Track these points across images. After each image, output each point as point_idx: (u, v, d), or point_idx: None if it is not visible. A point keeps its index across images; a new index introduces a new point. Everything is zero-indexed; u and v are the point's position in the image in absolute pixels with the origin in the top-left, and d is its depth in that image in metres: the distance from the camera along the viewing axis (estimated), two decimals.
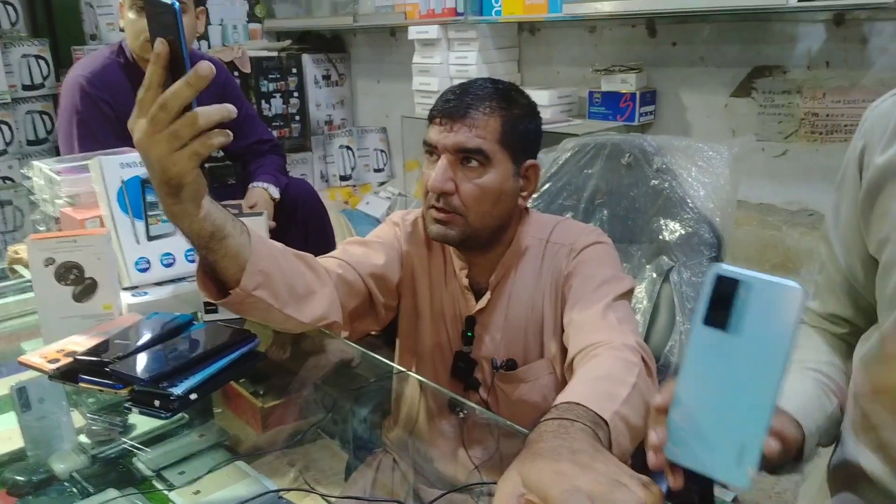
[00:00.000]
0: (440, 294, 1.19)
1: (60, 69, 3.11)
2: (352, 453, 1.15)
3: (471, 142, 1.04)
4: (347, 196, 3.36)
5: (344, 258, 1.12)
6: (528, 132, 1.10)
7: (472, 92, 1.07)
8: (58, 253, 1.09)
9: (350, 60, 3.45)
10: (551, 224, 1.17)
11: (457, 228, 1.06)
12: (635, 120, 2.13)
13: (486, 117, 1.05)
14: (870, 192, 0.77)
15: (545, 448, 0.65)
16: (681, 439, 0.59)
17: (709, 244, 1.36)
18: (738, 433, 0.56)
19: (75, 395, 1.06)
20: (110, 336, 1.02)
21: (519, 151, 1.09)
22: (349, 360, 1.21)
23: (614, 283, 1.05)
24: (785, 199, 1.96)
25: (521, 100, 1.11)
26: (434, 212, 1.07)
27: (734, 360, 0.55)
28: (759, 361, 0.54)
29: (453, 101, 1.06)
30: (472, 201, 1.05)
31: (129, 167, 1.27)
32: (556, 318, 1.11)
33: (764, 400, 0.54)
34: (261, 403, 1.15)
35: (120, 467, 0.95)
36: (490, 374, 1.15)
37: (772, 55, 1.91)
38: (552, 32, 2.46)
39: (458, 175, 1.05)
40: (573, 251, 1.12)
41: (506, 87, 1.11)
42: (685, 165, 1.44)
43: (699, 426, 0.57)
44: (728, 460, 0.56)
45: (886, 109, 0.77)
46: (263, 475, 0.93)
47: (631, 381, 0.82)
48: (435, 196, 1.05)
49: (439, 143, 1.05)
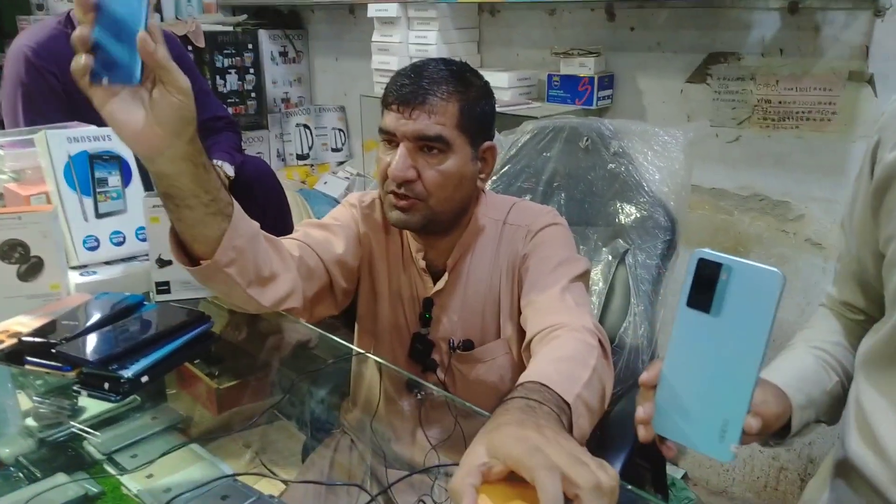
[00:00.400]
0: (398, 276, 1.19)
1: (4, 39, 2.99)
2: (309, 435, 1.15)
3: (431, 129, 1.02)
4: (305, 175, 3.31)
5: (305, 241, 1.10)
6: (485, 114, 1.10)
7: (427, 76, 1.05)
8: (1, 230, 1.05)
9: (308, 37, 3.39)
10: (507, 205, 1.17)
11: (418, 214, 1.05)
12: (593, 104, 2.14)
13: (445, 102, 1.03)
14: (879, 187, 0.77)
15: (511, 419, 0.66)
16: (667, 415, 0.62)
17: (663, 227, 1.39)
18: (721, 410, 0.58)
19: (22, 378, 1.03)
20: (58, 316, 1.00)
21: (477, 135, 1.08)
22: (306, 341, 1.20)
23: (570, 265, 1.07)
24: (737, 185, 2.00)
25: (477, 81, 1.10)
26: (393, 198, 1.05)
27: (717, 341, 0.57)
28: (741, 343, 0.56)
29: (409, 87, 1.04)
30: (435, 187, 1.04)
31: (77, 142, 1.24)
32: (513, 299, 1.12)
33: (745, 380, 0.57)
34: (216, 385, 1.14)
35: (69, 451, 0.93)
36: (447, 355, 1.16)
37: (727, 42, 1.94)
38: (512, 14, 2.46)
39: (419, 162, 1.04)
40: (529, 232, 1.13)
41: (460, 68, 1.09)
42: (641, 150, 1.45)
43: (684, 403, 0.60)
44: (712, 436, 0.59)
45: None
46: (219, 458, 0.92)
47: (591, 364, 0.84)
48: (395, 183, 1.04)
49: (398, 131, 1.03)
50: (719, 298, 0.57)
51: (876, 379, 0.78)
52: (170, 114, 0.77)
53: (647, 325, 1.35)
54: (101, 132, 1.28)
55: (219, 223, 0.87)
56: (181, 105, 0.77)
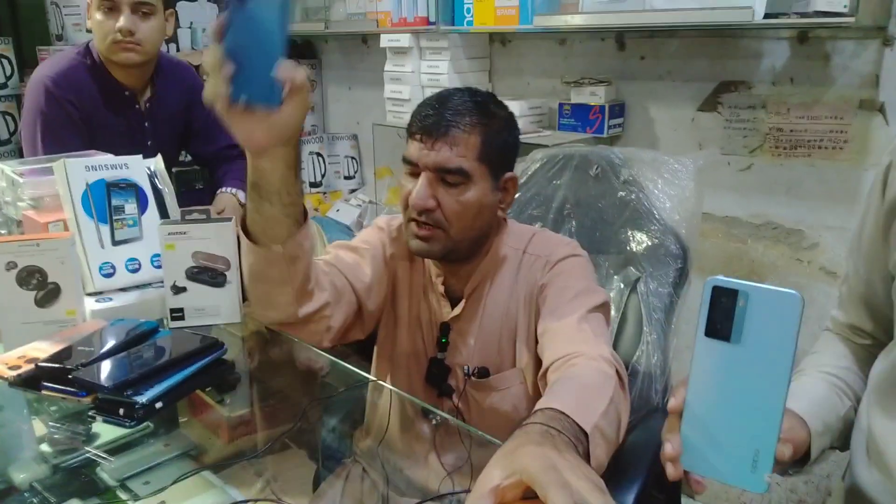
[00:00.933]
0: (418, 301, 1.20)
1: (24, 69, 3.04)
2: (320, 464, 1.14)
3: (451, 161, 1.04)
4: (317, 203, 3.34)
5: (336, 264, 1.13)
6: (507, 145, 1.11)
7: (452, 107, 1.06)
8: (20, 256, 1.06)
9: (321, 67, 3.44)
10: (528, 235, 1.18)
11: (438, 244, 1.07)
12: (604, 132, 2.15)
13: (467, 135, 1.04)
14: (892, 208, 0.78)
15: (530, 440, 0.66)
16: (695, 449, 0.60)
17: (675, 255, 1.38)
18: (751, 440, 0.57)
19: (37, 403, 1.04)
20: (73, 342, 1.00)
21: (498, 166, 1.09)
22: (318, 368, 1.20)
23: (589, 295, 1.06)
24: (749, 213, 2.00)
25: (500, 112, 1.11)
26: (415, 227, 1.07)
27: (739, 369, 0.56)
28: (765, 369, 0.56)
29: (433, 118, 1.05)
30: (454, 217, 1.06)
31: (95, 170, 1.25)
32: (530, 328, 1.12)
33: (773, 406, 0.55)
34: (227, 412, 1.13)
35: (83, 477, 0.93)
36: (463, 381, 1.16)
37: (737, 71, 1.95)
38: (523, 44, 2.48)
39: (440, 191, 1.05)
40: (549, 263, 1.13)
41: (484, 99, 1.11)
42: (652, 178, 1.46)
43: (712, 435, 0.58)
44: (744, 467, 0.57)
45: None
46: (230, 486, 0.92)
47: (609, 394, 0.83)
48: (416, 211, 1.06)
49: (420, 161, 1.05)
50: (738, 325, 0.55)
51: (885, 404, 0.78)
52: (289, 126, 0.86)
53: (660, 353, 1.34)
54: (119, 161, 1.30)
55: (290, 225, 0.96)
56: (300, 120, 0.87)
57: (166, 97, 2.07)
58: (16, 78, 3.07)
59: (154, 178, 1.37)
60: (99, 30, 1.88)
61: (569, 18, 2.05)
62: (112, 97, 1.97)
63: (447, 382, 1.17)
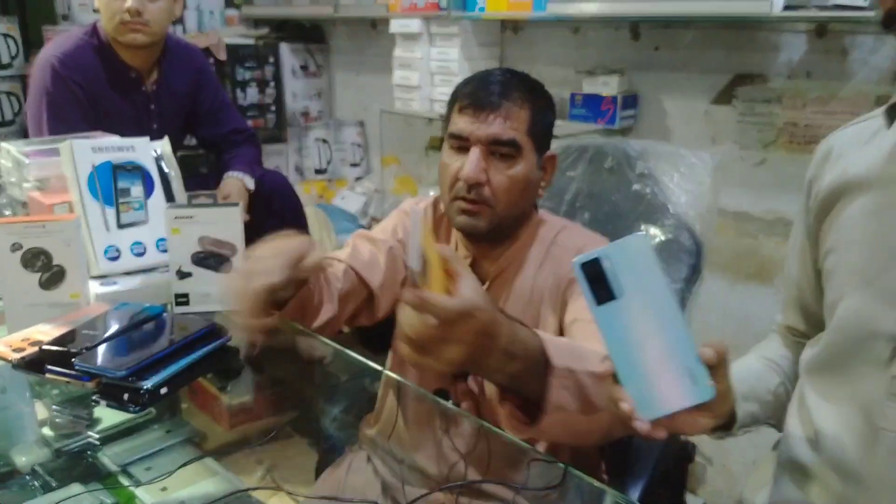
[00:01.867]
0: None
1: (30, 49, 3.02)
2: (322, 452, 1.14)
3: (505, 133, 1.03)
4: (322, 190, 3.32)
5: (352, 264, 1.13)
6: (550, 124, 1.12)
7: (500, 81, 1.07)
8: (25, 238, 1.05)
9: (329, 51, 3.41)
10: (558, 226, 1.17)
11: (485, 219, 1.06)
12: (616, 123, 2.13)
13: (518, 108, 1.05)
14: (820, 211, 0.87)
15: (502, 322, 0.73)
16: (643, 399, 0.64)
17: (688, 251, 1.36)
18: (680, 362, 0.63)
19: (39, 386, 1.03)
20: (78, 326, 0.99)
21: (542, 143, 1.10)
22: (321, 357, 1.19)
23: None
24: (762, 209, 1.97)
25: (543, 90, 1.12)
26: (462, 203, 1.06)
27: (636, 314, 0.63)
28: (653, 301, 0.62)
29: (483, 91, 1.05)
30: (503, 192, 1.05)
31: (101, 152, 1.24)
32: (556, 321, 1.10)
33: (677, 325, 0.63)
34: (228, 400, 1.13)
35: (85, 461, 0.93)
36: None
37: (753, 64, 1.93)
38: (535, 32, 2.46)
39: (490, 166, 1.05)
40: None
41: (526, 76, 1.12)
42: (667, 171, 1.44)
43: (648, 379, 0.64)
44: (688, 387, 0.63)
45: (828, 146, 0.89)
46: (232, 473, 0.92)
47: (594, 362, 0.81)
48: (466, 187, 1.04)
49: (472, 135, 1.04)
50: (615, 282, 0.62)
51: (815, 383, 0.85)
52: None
53: None
54: (125, 143, 1.29)
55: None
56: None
57: (173, 79, 2.05)
58: (21, 58, 3.05)
59: (160, 162, 1.36)
60: (106, 10, 1.87)
61: (583, 6, 2.02)
62: (118, 78, 1.95)
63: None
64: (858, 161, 0.82)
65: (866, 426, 0.78)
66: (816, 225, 0.88)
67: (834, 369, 0.82)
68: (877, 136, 0.82)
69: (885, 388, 0.76)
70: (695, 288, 1.35)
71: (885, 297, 0.75)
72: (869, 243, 0.78)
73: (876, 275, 0.76)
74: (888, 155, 0.78)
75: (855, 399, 0.79)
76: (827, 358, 0.83)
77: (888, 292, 0.75)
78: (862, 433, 0.78)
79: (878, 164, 0.79)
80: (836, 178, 0.84)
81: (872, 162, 0.79)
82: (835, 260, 0.82)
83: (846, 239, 0.81)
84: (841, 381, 0.81)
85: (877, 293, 0.76)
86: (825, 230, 0.86)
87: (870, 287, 0.77)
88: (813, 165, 0.91)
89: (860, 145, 0.84)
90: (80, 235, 1.11)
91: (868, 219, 0.78)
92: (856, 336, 0.79)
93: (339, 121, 3.39)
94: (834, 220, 0.84)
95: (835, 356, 0.82)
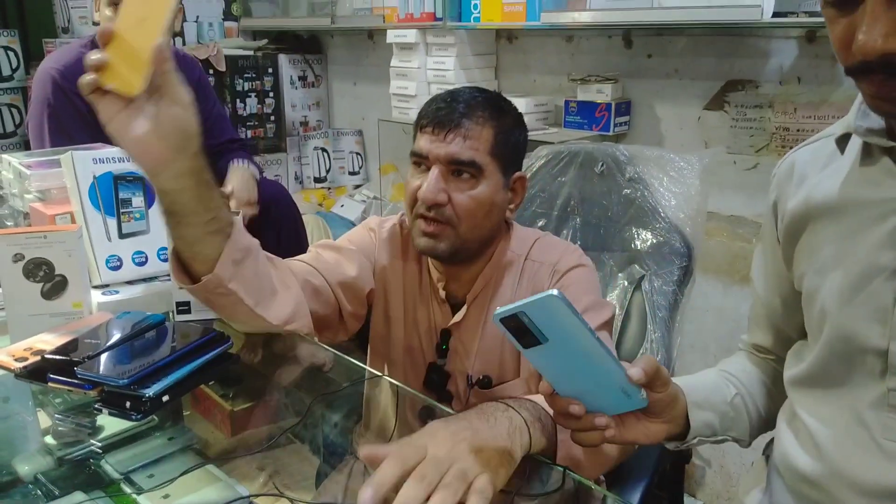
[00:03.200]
0: (414, 304, 1.18)
1: (30, 62, 3.05)
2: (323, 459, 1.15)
3: (464, 153, 1.02)
4: (322, 198, 3.34)
5: (315, 265, 1.10)
6: (517, 144, 1.09)
7: (463, 100, 1.05)
8: (27, 249, 1.07)
9: (327, 62, 3.44)
10: (531, 239, 1.16)
11: (447, 241, 1.05)
12: (610, 130, 2.15)
13: (479, 127, 1.03)
14: (789, 234, 0.87)
15: (452, 419, 0.75)
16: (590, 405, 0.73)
17: (679, 253, 1.38)
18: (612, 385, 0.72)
19: (42, 395, 1.04)
20: (80, 335, 1.00)
21: (509, 163, 1.08)
22: (321, 363, 1.20)
23: (597, 312, 1.06)
24: (755, 212, 1.99)
25: (511, 110, 1.10)
26: (423, 223, 1.05)
27: (564, 352, 0.69)
28: (576, 343, 0.68)
29: (444, 109, 1.04)
30: (465, 213, 1.04)
31: (102, 163, 1.25)
32: None
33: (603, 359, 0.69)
34: (230, 406, 1.14)
35: (87, 469, 0.93)
36: (465, 389, 1.15)
37: (745, 70, 1.95)
38: (530, 41, 2.48)
39: (450, 186, 1.03)
40: (556, 273, 1.11)
41: (494, 96, 1.10)
42: (657, 175, 1.45)
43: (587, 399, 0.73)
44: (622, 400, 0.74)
45: (788, 166, 0.90)
46: (234, 480, 0.92)
47: None
48: (425, 206, 1.03)
49: (431, 154, 1.03)
50: (537, 330, 0.66)
51: (806, 398, 0.86)
52: (172, 127, 0.79)
53: (664, 351, 1.34)
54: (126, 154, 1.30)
55: (218, 242, 0.88)
56: (183, 117, 0.80)
57: None
58: (21, 70, 3.08)
59: None
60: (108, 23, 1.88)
61: (576, 15, 2.04)
62: None
63: (447, 389, 1.16)
64: (820, 188, 0.83)
65: (867, 437, 0.78)
66: (788, 249, 0.88)
67: (827, 384, 0.83)
68: (833, 160, 0.83)
69: (882, 400, 0.77)
70: (686, 290, 1.36)
71: (868, 314, 0.77)
72: (844, 265, 0.79)
73: (855, 294, 0.77)
74: (844, 182, 0.80)
75: (853, 411, 0.80)
76: (819, 373, 0.84)
77: (870, 309, 0.76)
78: (864, 444, 0.78)
79: (837, 192, 0.80)
80: (800, 204, 0.85)
81: (832, 189, 0.81)
82: (815, 283, 0.83)
83: (821, 263, 0.82)
84: (836, 395, 0.82)
85: (859, 311, 0.77)
86: (798, 255, 0.87)
87: (851, 305, 0.78)
88: (775, 185, 0.91)
89: (819, 169, 0.85)
90: (82, 245, 1.13)
91: (839, 243, 0.80)
92: (846, 352, 0.79)
93: (338, 130, 3.41)
94: (805, 245, 0.85)
95: (827, 372, 0.82)
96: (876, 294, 0.76)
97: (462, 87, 1.11)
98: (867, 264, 0.77)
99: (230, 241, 0.89)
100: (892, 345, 0.75)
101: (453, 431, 0.72)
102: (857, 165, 0.80)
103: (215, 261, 0.88)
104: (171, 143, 0.79)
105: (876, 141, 0.76)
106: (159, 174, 0.82)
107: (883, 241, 0.75)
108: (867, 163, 0.78)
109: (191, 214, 0.84)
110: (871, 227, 0.77)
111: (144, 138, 0.78)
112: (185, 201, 0.83)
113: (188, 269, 0.91)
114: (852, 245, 0.79)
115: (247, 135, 3.24)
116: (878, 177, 0.77)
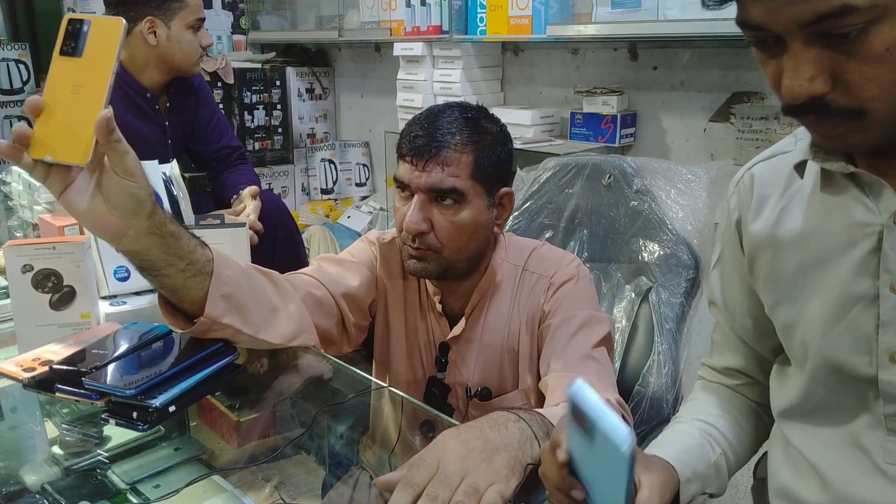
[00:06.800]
0: (414, 318, 1.18)
1: (41, 74, 3.08)
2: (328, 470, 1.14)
3: (444, 182, 1.01)
4: (328, 210, 3.35)
5: (317, 276, 1.10)
6: (501, 161, 1.08)
7: (441, 125, 1.03)
8: (36, 260, 1.07)
9: (334, 75, 3.46)
10: (527, 250, 1.15)
11: (433, 263, 1.05)
12: (616, 142, 2.15)
13: (458, 154, 1.02)
14: (751, 257, 0.85)
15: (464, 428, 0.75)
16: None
17: (687, 265, 1.38)
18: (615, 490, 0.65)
19: (49, 405, 1.05)
20: (87, 345, 1.01)
21: (492, 182, 1.07)
22: (327, 374, 1.20)
23: (593, 328, 1.05)
24: None
25: (492, 127, 1.08)
26: (409, 249, 1.05)
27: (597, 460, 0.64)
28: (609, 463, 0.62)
29: (422, 138, 1.02)
30: (448, 238, 1.03)
31: None
32: (532, 351, 1.10)
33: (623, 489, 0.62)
34: (236, 417, 1.14)
35: (94, 479, 0.93)
36: (464, 401, 1.15)
37: (750, 81, 1.95)
38: (536, 53, 2.49)
39: (433, 212, 1.03)
40: (552, 285, 1.10)
41: (475, 114, 1.08)
42: (664, 187, 1.46)
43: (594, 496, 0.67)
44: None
45: (748, 182, 0.86)
46: (240, 490, 0.92)
47: None
48: (410, 237, 1.04)
49: (412, 183, 1.03)
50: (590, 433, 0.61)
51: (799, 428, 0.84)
52: (123, 196, 0.77)
53: (671, 363, 1.34)
54: None
55: (201, 283, 0.87)
56: (130, 186, 0.77)
57: (178, 98, 2.11)
58: (32, 83, 3.10)
59: (170, 184, 1.38)
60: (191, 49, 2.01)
61: (582, 28, 2.05)
62: (135, 100, 2.00)
63: (447, 402, 1.16)
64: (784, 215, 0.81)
65: (868, 462, 0.77)
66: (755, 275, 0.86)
67: (819, 412, 0.82)
68: (792, 182, 0.81)
69: (878, 424, 0.76)
70: (694, 302, 1.36)
71: (852, 343, 0.75)
72: (818, 296, 0.77)
73: (835, 324, 0.76)
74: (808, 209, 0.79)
75: (849, 437, 0.78)
76: (809, 403, 0.82)
77: (853, 339, 0.75)
78: (866, 469, 0.77)
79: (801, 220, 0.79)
80: (763, 229, 0.83)
81: (795, 217, 0.80)
82: (791, 314, 0.81)
83: (794, 293, 0.80)
84: (829, 423, 0.80)
85: (842, 342, 0.76)
86: (764, 282, 0.85)
87: (832, 336, 0.77)
88: (736, 204, 0.88)
89: (780, 191, 0.82)
90: (90, 256, 1.13)
91: (809, 272, 0.78)
92: (834, 382, 0.78)
93: (345, 142, 3.42)
94: (771, 273, 0.83)
95: (817, 401, 0.81)
96: (856, 323, 0.74)
97: (442, 105, 1.09)
98: (842, 293, 0.75)
99: (214, 278, 0.88)
100: (882, 373, 0.74)
101: (465, 440, 0.73)
102: (818, 191, 0.78)
103: (204, 300, 0.88)
104: (124, 211, 0.77)
105: (836, 168, 0.74)
106: (118, 240, 0.80)
107: (855, 269, 0.74)
108: (829, 189, 0.77)
109: (165, 266, 0.84)
110: (841, 256, 0.75)
111: (96, 210, 0.77)
112: (154, 258, 0.83)
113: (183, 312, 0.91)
114: (824, 273, 0.77)
115: (254, 146, 3.26)
116: (841, 203, 0.75)
